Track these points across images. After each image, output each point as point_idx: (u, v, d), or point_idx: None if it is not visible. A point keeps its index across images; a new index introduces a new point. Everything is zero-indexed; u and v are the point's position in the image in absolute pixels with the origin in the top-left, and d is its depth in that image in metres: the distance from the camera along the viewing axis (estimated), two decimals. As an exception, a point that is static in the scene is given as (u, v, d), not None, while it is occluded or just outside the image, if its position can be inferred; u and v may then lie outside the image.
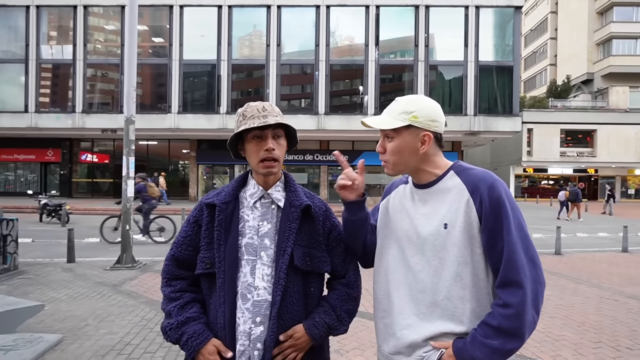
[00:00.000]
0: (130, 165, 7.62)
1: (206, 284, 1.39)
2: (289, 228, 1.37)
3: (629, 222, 11.73)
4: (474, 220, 1.25)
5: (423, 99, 1.36)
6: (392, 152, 1.35)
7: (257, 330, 1.30)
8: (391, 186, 1.57)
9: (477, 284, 1.26)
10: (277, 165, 1.40)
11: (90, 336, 4.08)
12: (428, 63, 21.88)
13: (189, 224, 1.44)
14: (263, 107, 1.39)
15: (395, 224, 1.42)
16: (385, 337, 1.38)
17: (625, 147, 31.20)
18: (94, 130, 22.10)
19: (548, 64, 44.29)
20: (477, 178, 1.29)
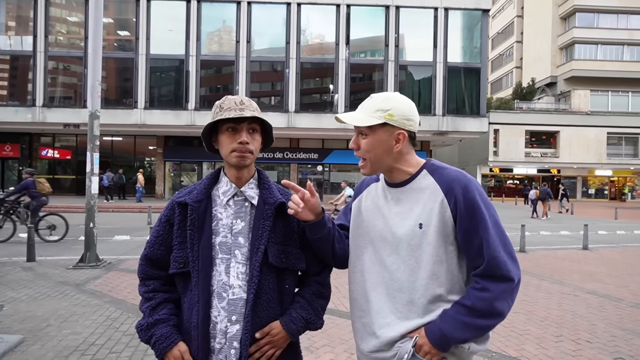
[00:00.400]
0: (95, 162, 7.42)
1: (180, 282, 1.38)
2: (263, 226, 1.36)
3: (590, 221, 12.21)
4: (448, 220, 1.27)
5: (398, 96, 1.35)
6: (367, 150, 1.35)
7: (233, 328, 1.30)
8: (361, 185, 1.56)
9: (451, 280, 1.29)
10: (250, 156, 1.37)
11: (52, 337, 3.94)
12: (398, 63, 22.13)
13: (160, 224, 1.43)
14: (241, 100, 1.38)
15: (369, 224, 1.41)
16: (364, 336, 1.39)
17: (587, 148, 32.46)
18: (55, 125, 21.27)
19: (514, 67, 45.44)
20: (450, 178, 1.29)
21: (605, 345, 4.01)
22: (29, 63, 21.36)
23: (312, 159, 24.45)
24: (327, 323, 4.22)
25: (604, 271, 7.53)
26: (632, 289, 6.30)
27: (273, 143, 1.52)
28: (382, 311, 1.33)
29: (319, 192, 24.23)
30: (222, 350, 1.30)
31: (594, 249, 10.14)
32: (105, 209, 17.84)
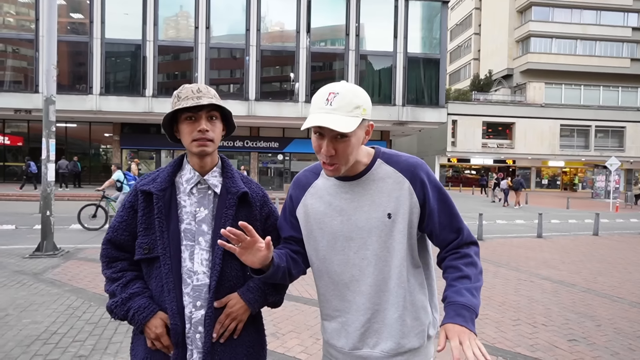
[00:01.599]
0: (51, 148, 7.30)
1: (144, 269, 1.40)
2: (225, 214, 1.37)
3: (543, 210, 12.71)
4: (415, 207, 1.28)
5: (358, 88, 1.26)
6: (349, 152, 1.24)
7: (198, 314, 1.33)
8: (300, 188, 1.43)
9: (412, 261, 1.33)
10: (211, 145, 1.37)
11: (11, 326, 3.90)
12: (359, 52, 22.38)
13: (124, 209, 1.42)
14: (198, 88, 1.37)
15: (324, 227, 1.35)
16: (341, 335, 1.36)
17: (541, 139, 33.57)
18: (5, 110, 20.44)
19: (472, 58, 46.35)
20: (411, 164, 1.31)
21: (559, 328, 4.22)
22: (-26, 45, 20.39)
23: (272, 147, 24.51)
24: (292, 310, 4.48)
25: (557, 258, 7.86)
26: (584, 275, 6.59)
27: (235, 130, 1.51)
28: (360, 309, 1.32)
29: (278, 182, 24.54)
30: (187, 335, 1.33)
31: (547, 237, 10.56)
32: (60, 197, 17.40)
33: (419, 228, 1.33)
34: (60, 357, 3.34)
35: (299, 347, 3.63)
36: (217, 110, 1.40)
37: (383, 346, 1.31)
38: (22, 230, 9.67)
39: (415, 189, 1.28)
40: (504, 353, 3.63)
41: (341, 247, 1.33)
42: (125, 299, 1.35)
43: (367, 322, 1.31)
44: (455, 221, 1.33)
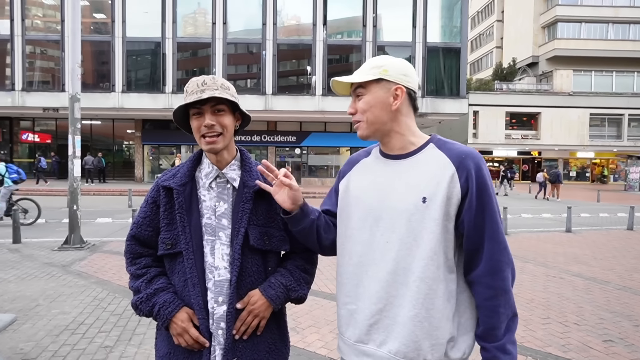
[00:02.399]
0: (77, 144, 7.57)
1: (167, 264, 1.40)
2: (243, 209, 1.35)
3: (572, 204, 12.12)
4: (455, 197, 1.18)
5: (390, 57, 1.30)
6: (364, 109, 1.27)
7: (220, 309, 1.32)
8: (348, 164, 1.46)
9: (446, 262, 1.21)
10: (220, 139, 1.34)
11: (42, 316, 4.07)
12: (376, 44, 22.11)
13: (147, 205, 1.42)
14: (203, 81, 1.33)
15: (359, 202, 1.31)
16: (350, 323, 1.30)
17: (569, 130, 32.15)
18: (34, 109, 21.25)
19: (494, 47, 44.71)
20: (463, 153, 1.22)
21: (593, 328, 4.02)
22: (6, 47, 21.14)
23: (290, 141, 24.58)
24: (311, 304, 4.52)
25: (588, 254, 7.53)
26: (618, 271, 6.28)
27: (250, 121, 1.48)
28: (373, 297, 1.24)
29: (296, 176, 24.57)
30: (211, 330, 1.32)
31: (577, 231, 10.13)
32: (86, 192, 18.03)
33: (456, 224, 1.22)
34: (87, 347, 3.53)
35: (319, 342, 3.63)
36: (225, 103, 1.35)
37: (390, 346, 1.21)
38: (52, 224, 10.10)
39: (460, 178, 1.19)
40: (533, 353, 3.48)
41: (369, 226, 1.27)
42: (150, 295, 1.35)
43: (378, 314, 1.22)
44: (492, 232, 1.20)
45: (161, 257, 1.41)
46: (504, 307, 1.19)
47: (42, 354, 3.38)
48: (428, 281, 1.18)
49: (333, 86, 1.33)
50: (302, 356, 3.39)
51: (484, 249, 1.19)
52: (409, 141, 1.29)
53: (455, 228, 1.21)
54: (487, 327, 1.21)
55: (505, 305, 1.19)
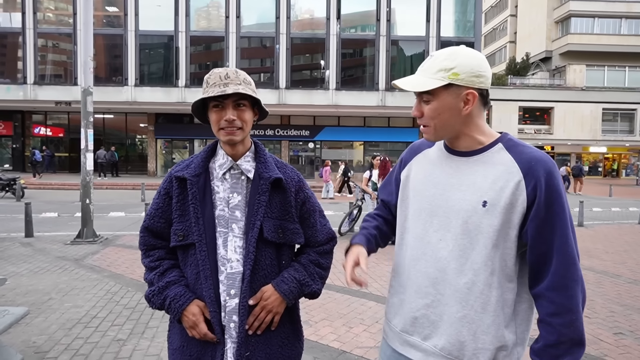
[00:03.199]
0: (89, 138, 7.54)
1: (180, 256, 1.38)
2: (258, 201, 1.34)
3: (584, 198, 12.12)
4: (519, 205, 1.11)
5: (464, 50, 1.17)
6: (432, 116, 1.18)
7: (232, 302, 1.30)
8: (410, 152, 1.41)
9: (503, 270, 1.14)
10: (239, 133, 1.33)
11: (55, 309, 4.06)
12: (390, 38, 21.94)
13: (160, 196, 1.41)
14: (227, 74, 1.32)
15: (417, 195, 1.29)
16: (398, 312, 1.30)
17: (581, 124, 32.08)
18: (47, 102, 21.36)
19: (508, 41, 44.41)
20: (534, 159, 1.12)
21: (604, 321, 4.03)
22: (18, 40, 21.29)
23: (303, 135, 24.51)
24: (325, 298, 4.46)
25: (600, 248, 7.52)
26: (630, 265, 6.29)
27: (267, 115, 1.45)
28: (421, 290, 1.22)
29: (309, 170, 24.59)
30: (223, 323, 1.31)
31: (589, 225, 10.15)
32: (99, 186, 18.11)
33: (520, 234, 1.14)
34: (100, 340, 3.44)
35: (331, 335, 3.60)
36: (245, 98, 1.33)
37: (436, 341, 1.19)
38: (64, 218, 10.10)
39: (527, 186, 1.10)
40: None
41: (423, 221, 1.24)
42: (162, 288, 1.34)
43: (424, 308, 1.21)
44: (562, 246, 1.09)
45: (174, 249, 1.39)
46: (567, 328, 1.09)
47: (55, 347, 3.30)
48: (480, 285, 1.14)
49: (394, 85, 1.26)
50: (315, 349, 3.35)
51: (551, 263, 1.11)
52: (477, 141, 1.21)
53: (519, 237, 1.14)
54: (545, 344, 1.12)
55: (569, 326, 1.09)
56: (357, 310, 4.21)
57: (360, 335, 3.61)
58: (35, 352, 3.20)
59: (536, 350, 1.14)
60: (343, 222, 8.23)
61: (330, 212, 12.10)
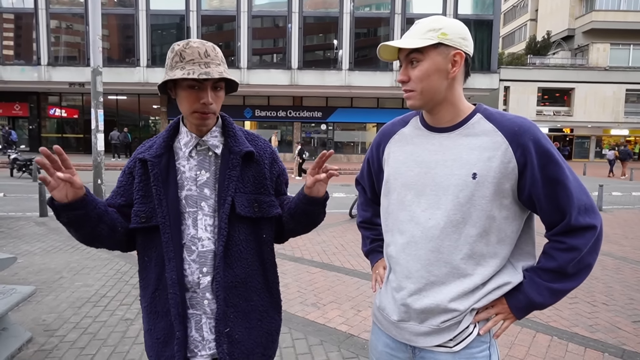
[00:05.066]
0: (100, 118, 7.53)
1: (141, 239, 1.32)
2: (229, 176, 1.29)
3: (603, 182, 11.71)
4: (510, 172, 1.10)
5: (449, 18, 1.17)
6: (420, 78, 1.14)
7: (205, 280, 1.28)
8: (384, 136, 1.37)
9: (502, 240, 1.15)
10: (212, 117, 1.28)
11: (65, 288, 4.13)
12: (405, 16, 21.38)
13: (124, 175, 1.36)
14: (206, 51, 1.22)
15: (399, 177, 1.25)
16: (390, 301, 1.27)
17: (603, 106, 31.13)
18: (61, 83, 21.49)
19: (528, 19, 42.91)
20: (515, 125, 1.11)
21: (622, 308, 3.94)
22: (32, 21, 21.33)
23: (315, 117, 24.24)
24: (333, 280, 4.47)
25: (619, 233, 7.37)
26: None
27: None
28: (413, 275, 1.19)
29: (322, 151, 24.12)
30: (195, 301, 1.29)
31: (608, 210, 9.91)
32: (112, 166, 18.29)
33: (520, 199, 1.14)
34: (108, 319, 3.46)
35: (339, 319, 3.56)
36: (224, 80, 1.28)
37: (433, 320, 1.18)
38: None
39: (515, 153, 1.09)
40: (559, 332, 3.39)
41: (409, 202, 1.21)
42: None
43: (417, 293, 1.18)
44: (562, 198, 1.09)
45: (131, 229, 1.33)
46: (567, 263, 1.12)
47: (64, 326, 3.33)
48: (476, 258, 1.14)
49: (379, 51, 1.20)
50: (322, 332, 3.32)
51: (564, 217, 1.11)
52: (458, 110, 1.19)
53: (517, 204, 1.15)
54: (539, 267, 1.17)
55: (570, 261, 1.11)
56: (366, 294, 4.16)
57: (369, 319, 3.56)
58: (45, 330, 3.23)
59: (528, 270, 1.18)
60: (353, 205, 8.16)
61: (342, 194, 12.03)
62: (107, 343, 3.06)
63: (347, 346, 3.08)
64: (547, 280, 1.14)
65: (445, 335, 1.17)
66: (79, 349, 2.98)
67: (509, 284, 1.17)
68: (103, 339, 3.13)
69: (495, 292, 1.17)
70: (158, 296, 1.30)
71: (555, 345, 3.18)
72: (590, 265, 1.14)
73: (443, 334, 1.17)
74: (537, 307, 1.17)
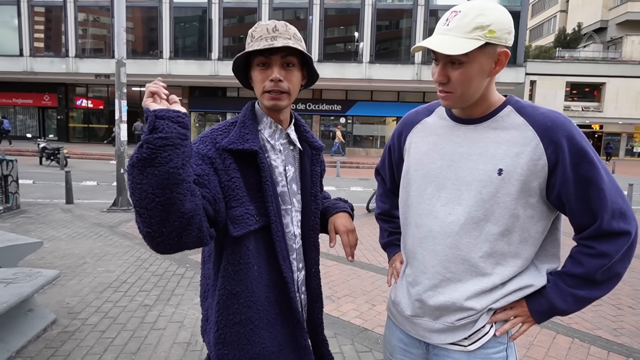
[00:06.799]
0: (123, 109, 7.69)
1: (252, 244, 1.16)
2: (315, 172, 1.30)
3: (634, 181, 11.37)
4: (540, 170, 1.04)
5: (494, 5, 1.04)
6: (462, 82, 1.05)
7: (301, 275, 1.29)
8: (407, 124, 1.31)
9: (525, 240, 1.09)
10: (286, 97, 1.18)
11: (88, 273, 4.27)
12: (428, 8, 21.01)
13: (204, 163, 1.11)
14: (275, 26, 1.15)
15: (420, 168, 1.20)
16: (405, 295, 1.24)
17: (636, 102, 29.72)
18: (87, 75, 22.02)
19: (558, 10, 41.48)
20: (549, 119, 1.04)
21: None
22: (60, 14, 21.88)
23: (335, 110, 24.16)
24: (348, 273, 4.49)
25: None
26: None
27: (317, 79, 1.31)
28: (429, 271, 1.15)
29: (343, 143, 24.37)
30: (294, 298, 1.24)
31: (637, 210, 9.54)
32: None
33: (548, 199, 1.07)
34: (128, 304, 3.56)
35: (354, 312, 3.56)
36: (296, 55, 1.17)
37: (447, 318, 1.15)
38: (102, 187, 10.50)
39: (546, 149, 1.03)
40: (581, 335, 3.30)
41: (429, 196, 1.16)
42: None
43: (433, 289, 1.15)
44: (595, 199, 1.02)
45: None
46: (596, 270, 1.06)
47: (86, 309, 3.44)
48: (497, 257, 1.09)
49: (414, 50, 1.14)
50: (336, 325, 3.32)
51: (595, 220, 1.04)
52: (490, 103, 1.12)
53: (546, 203, 1.09)
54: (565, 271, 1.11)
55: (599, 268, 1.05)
56: (381, 288, 4.15)
57: (383, 313, 3.55)
58: (68, 313, 3.34)
59: (553, 274, 1.13)
60: (371, 200, 8.13)
61: (359, 188, 11.99)
62: (127, 327, 3.15)
63: (361, 340, 3.09)
64: (572, 286, 1.08)
65: (459, 334, 1.14)
66: (100, 332, 3.07)
67: (531, 286, 1.12)
68: (123, 323, 3.22)
69: (516, 293, 1.13)
70: (268, 305, 1.19)
71: (576, 347, 3.10)
72: (619, 274, 1.08)
73: (457, 332, 1.14)
74: (559, 313, 1.12)
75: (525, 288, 1.12)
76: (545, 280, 1.13)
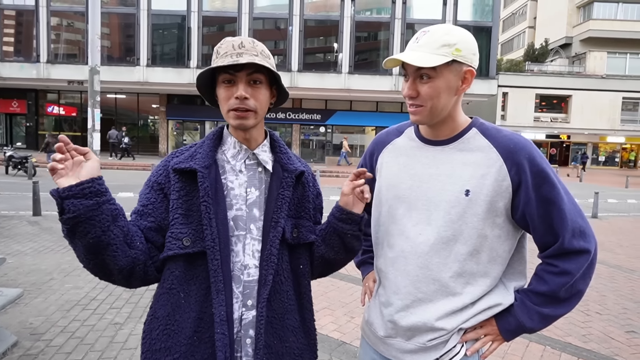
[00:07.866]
0: (96, 118, 7.46)
1: (178, 270, 1.08)
2: (282, 196, 1.15)
3: (599, 189, 11.83)
4: (505, 191, 1.07)
5: (459, 28, 1.12)
6: (431, 96, 1.09)
7: (249, 314, 1.10)
8: (378, 145, 1.33)
9: (494, 260, 1.12)
10: (252, 116, 1.12)
11: (55, 290, 4.06)
12: (405, 21, 21.44)
13: (151, 190, 1.13)
14: (241, 42, 1.10)
15: (391, 189, 1.22)
16: (378, 316, 1.24)
17: (600, 114, 31.24)
18: (59, 81, 21.43)
19: (527, 27, 43.25)
20: (511, 142, 1.09)
21: (616, 318, 3.92)
22: (32, 18, 21.29)
23: (314, 119, 24.28)
24: (327, 285, 4.43)
25: (614, 241, 7.35)
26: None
27: (287, 98, 1.25)
28: (401, 291, 1.16)
29: (320, 154, 24.48)
30: (236, 340, 1.09)
31: (603, 217, 9.93)
32: (109, 166, 18.24)
33: (513, 218, 1.11)
34: (97, 323, 3.41)
35: (332, 325, 3.54)
36: (263, 73, 1.11)
37: (419, 339, 1.15)
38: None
39: (509, 171, 1.07)
40: (552, 342, 3.38)
41: (400, 216, 1.18)
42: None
43: (405, 310, 1.15)
44: (556, 219, 1.06)
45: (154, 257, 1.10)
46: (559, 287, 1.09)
47: (51, 329, 3.28)
48: (466, 276, 1.11)
49: (386, 63, 1.15)
50: None
51: (556, 241, 1.08)
52: (457, 124, 1.16)
53: (511, 223, 1.12)
54: (530, 289, 1.14)
55: (562, 286, 1.09)
56: (359, 300, 4.12)
57: (361, 326, 3.52)
58: (31, 334, 3.18)
59: (520, 291, 1.16)
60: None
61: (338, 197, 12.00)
62: (95, 348, 3.02)
63: (339, 354, 3.05)
64: (537, 304, 1.11)
65: (431, 354, 1.15)
66: (66, 353, 2.93)
67: (500, 305, 1.14)
68: (91, 343, 3.08)
69: (485, 312, 1.14)
70: (197, 340, 1.06)
71: (548, 355, 3.16)
72: (581, 291, 1.11)
73: (429, 352, 1.14)
74: (527, 331, 1.14)
75: (494, 307, 1.14)
76: (512, 298, 1.15)
